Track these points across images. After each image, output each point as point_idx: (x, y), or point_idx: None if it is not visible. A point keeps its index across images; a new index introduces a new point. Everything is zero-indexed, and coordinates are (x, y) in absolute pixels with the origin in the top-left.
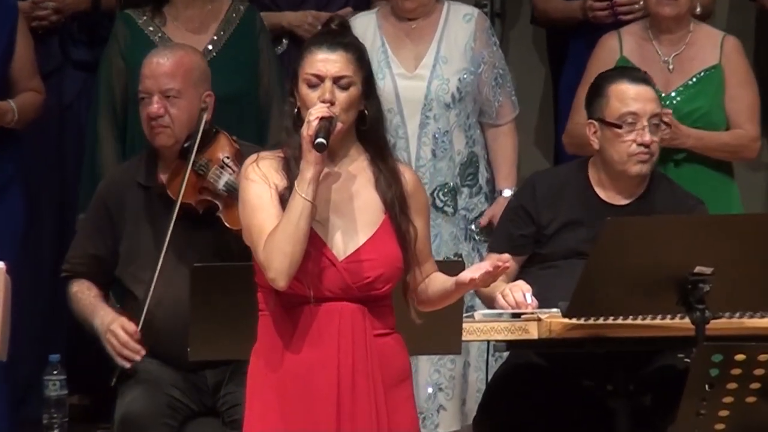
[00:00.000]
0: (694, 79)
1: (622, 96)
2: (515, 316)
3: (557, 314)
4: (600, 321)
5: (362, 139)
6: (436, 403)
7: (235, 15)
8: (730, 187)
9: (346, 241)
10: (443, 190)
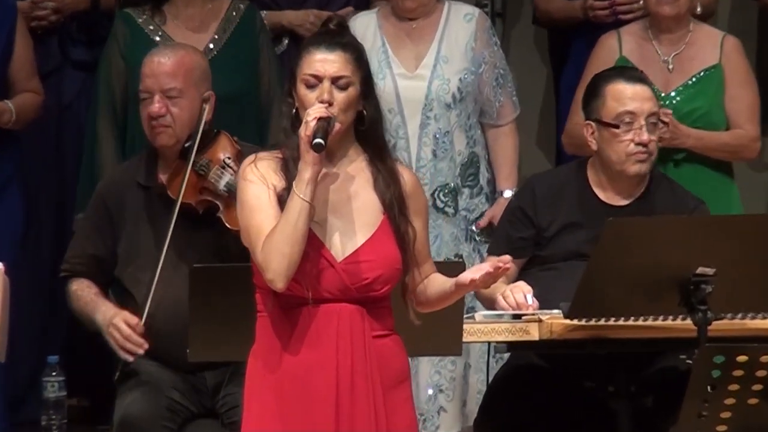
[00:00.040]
0: (694, 79)
1: (619, 96)
2: (516, 317)
3: (558, 315)
4: (601, 322)
5: (361, 139)
6: (436, 405)
7: (236, 14)
8: (730, 187)
9: (345, 242)
10: (444, 191)
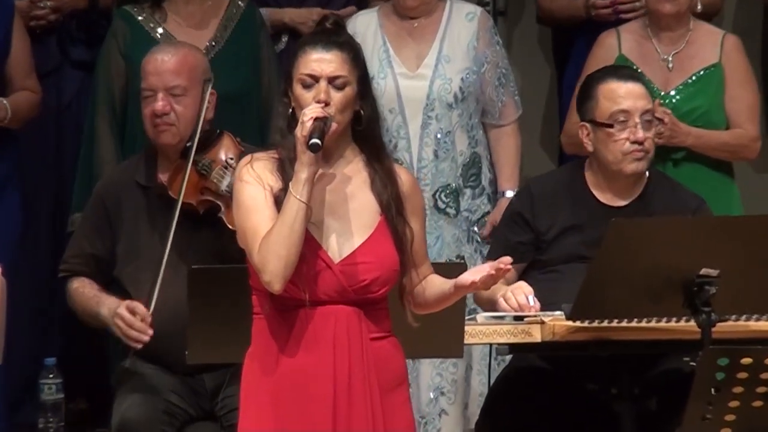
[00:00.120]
0: (694, 78)
1: (612, 95)
2: (518, 318)
3: (561, 317)
4: (604, 324)
5: (358, 139)
6: (437, 408)
7: (236, 11)
8: (731, 187)
9: (342, 244)
10: (445, 191)
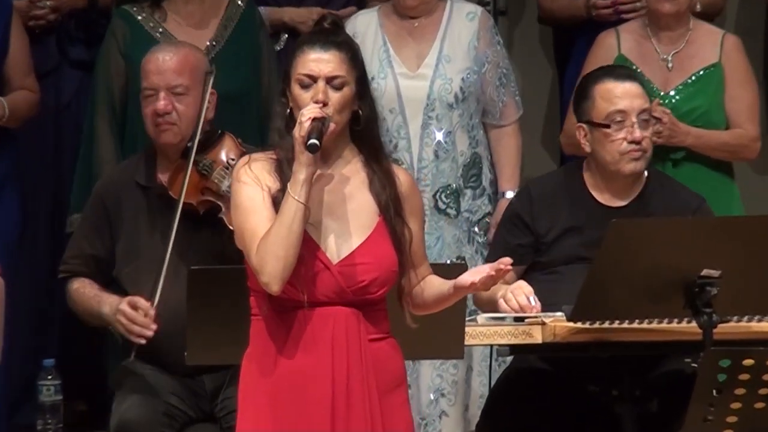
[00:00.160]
0: (694, 78)
1: (608, 95)
2: (518, 319)
3: (561, 318)
4: (605, 325)
5: (356, 140)
6: (438, 409)
7: (236, 11)
8: (731, 187)
9: (340, 244)
10: (446, 192)
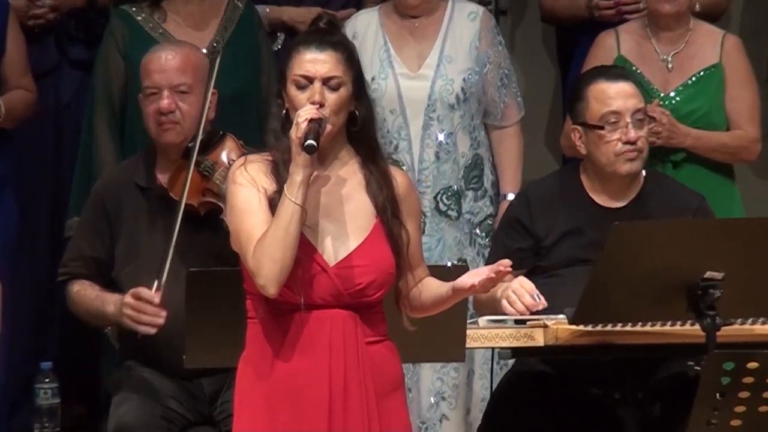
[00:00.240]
0: (694, 79)
1: (601, 96)
2: (520, 322)
3: (563, 321)
4: (608, 327)
5: (353, 140)
6: (438, 413)
7: (235, 11)
8: (731, 189)
9: (337, 247)
10: (447, 194)
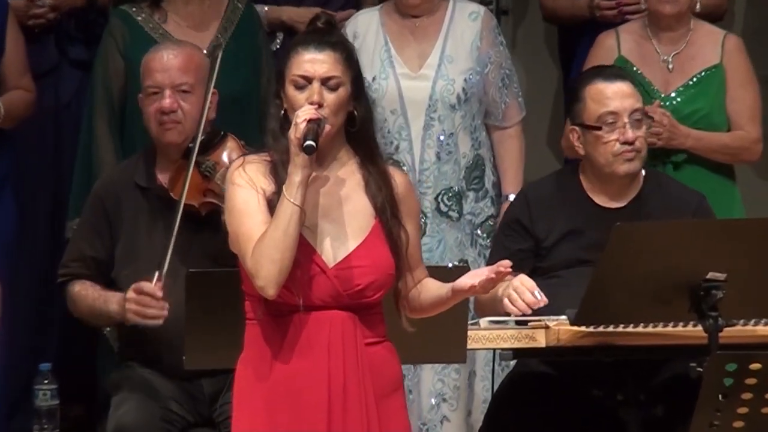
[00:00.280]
0: (695, 80)
1: (599, 96)
2: (521, 323)
3: (565, 322)
4: (609, 329)
5: (352, 141)
6: (439, 414)
7: (235, 12)
8: (732, 189)
9: (336, 248)
10: (448, 194)
